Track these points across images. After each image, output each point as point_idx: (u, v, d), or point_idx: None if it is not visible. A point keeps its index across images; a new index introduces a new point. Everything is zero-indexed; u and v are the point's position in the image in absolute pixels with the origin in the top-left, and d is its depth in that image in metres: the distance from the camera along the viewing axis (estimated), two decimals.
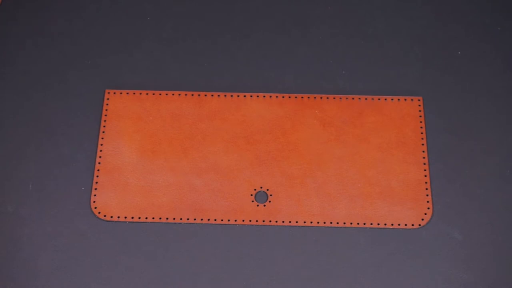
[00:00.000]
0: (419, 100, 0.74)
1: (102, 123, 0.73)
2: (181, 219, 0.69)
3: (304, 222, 0.69)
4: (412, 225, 0.68)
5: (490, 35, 0.77)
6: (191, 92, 0.75)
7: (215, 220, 0.69)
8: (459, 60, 0.76)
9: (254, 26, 0.78)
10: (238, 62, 0.76)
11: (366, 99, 0.74)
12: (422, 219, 0.69)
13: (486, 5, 0.78)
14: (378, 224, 0.68)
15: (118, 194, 0.70)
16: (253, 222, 0.69)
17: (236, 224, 0.69)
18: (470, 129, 0.73)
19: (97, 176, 0.71)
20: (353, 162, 0.71)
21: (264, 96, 0.74)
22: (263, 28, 0.78)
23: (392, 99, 0.74)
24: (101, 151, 0.72)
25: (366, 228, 0.68)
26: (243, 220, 0.69)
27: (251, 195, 0.70)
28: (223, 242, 0.68)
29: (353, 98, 0.74)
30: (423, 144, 0.72)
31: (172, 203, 0.69)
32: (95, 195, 0.70)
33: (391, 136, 0.72)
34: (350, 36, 0.78)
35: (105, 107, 0.74)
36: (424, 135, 0.72)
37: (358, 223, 0.68)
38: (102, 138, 0.72)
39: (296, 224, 0.69)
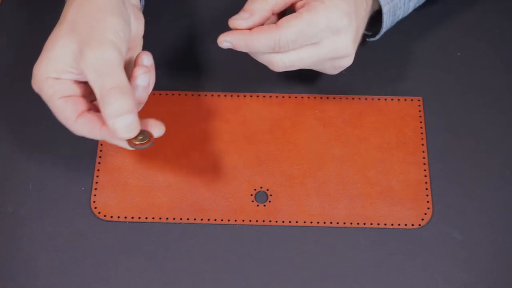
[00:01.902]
0: (419, 100, 0.74)
1: None
2: (181, 219, 0.69)
3: (304, 222, 0.69)
4: (412, 225, 0.68)
5: (490, 36, 0.77)
6: (191, 92, 0.75)
7: (215, 220, 0.69)
8: (459, 60, 0.76)
9: None
10: (238, 62, 0.76)
11: (366, 99, 0.74)
12: (422, 219, 0.69)
13: (486, 5, 0.78)
14: (378, 224, 0.68)
15: (118, 194, 0.70)
16: (253, 222, 0.69)
17: (236, 224, 0.69)
18: (470, 129, 0.73)
19: (97, 176, 0.71)
20: (353, 162, 0.71)
21: (264, 96, 0.74)
22: None
23: (392, 99, 0.74)
24: (101, 151, 0.72)
25: (366, 228, 0.68)
26: (243, 220, 0.69)
27: (251, 195, 0.70)
28: (223, 242, 0.68)
29: (353, 98, 0.74)
30: (423, 144, 0.72)
31: (172, 203, 0.69)
32: (95, 195, 0.70)
33: (391, 136, 0.72)
34: None
35: None
36: (424, 135, 0.72)
37: (358, 223, 0.68)
38: None
39: (296, 224, 0.69)
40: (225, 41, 0.65)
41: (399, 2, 0.69)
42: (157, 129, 0.62)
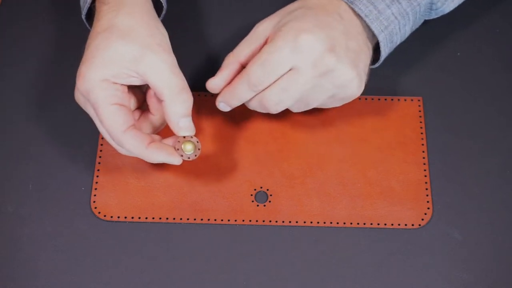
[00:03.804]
0: (419, 100, 0.74)
1: None
2: (181, 219, 0.69)
3: (304, 222, 0.69)
4: (412, 225, 0.68)
5: (490, 36, 0.77)
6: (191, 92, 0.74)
7: (215, 220, 0.69)
8: (459, 60, 0.76)
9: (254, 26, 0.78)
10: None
11: (366, 99, 0.74)
12: (422, 219, 0.69)
13: (486, 5, 0.78)
14: (378, 224, 0.68)
15: (118, 194, 0.70)
16: (253, 222, 0.69)
17: (236, 224, 0.69)
18: (470, 129, 0.73)
19: (97, 176, 0.71)
20: (353, 162, 0.71)
21: None
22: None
23: (392, 99, 0.74)
24: (101, 151, 0.72)
25: (366, 228, 0.68)
26: (243, 220, 0.69)
27: (251, 195, 0.70)
28: (223, 242, 0.68)
29: None
30: (423, 144, 0.72)
31: (172, 203, 0.69)
32: (95, 195, 0.70)
33: (391, 136, 0.72)
34: None
35: None
36: (424, 135, 0.72)
37: (358, 223, 0.68)
38: (102, 138, 0.72)
39: (296, 224, 0.69)
40: (220, 102, 0.68)
41: (394, 28, 0.69)
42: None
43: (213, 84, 0.68)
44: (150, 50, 0.64)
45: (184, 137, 0.66)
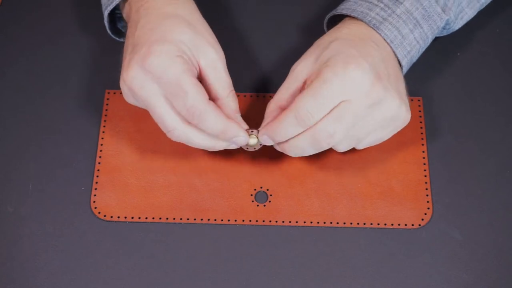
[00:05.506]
0: (419, 100, 0.74)
1: (102, 123, 0.73)
2: (181, 219, 0.69)
3: (304, 222, 0.69)
4: (412, 225, 0.68)
5: (490, 36, 0.78)
6: None
7: (215, 220, 0.69)
8: (459, 60, 0.76)
9: (254, 25, 0.78)
10: (238, 62, 0.76)
11: None
12: (422, 219, 0.69)
13: (485, 6, 0.78)
14: (378, 224, 0.68)
15: (118, 194, 0.70)
16: (253, 222, 0.69)
17: (236, 224, 0.69)
18: (470, 129, 0.73)
19: (97, 176, 0.71)
20: (353, 162, 0.71)
21: (264, 96, 0.74)
22: (263, 28, 0.78)
23: None
24: (101, 151, 0.72)
25: (366, 228, 0.68)
26: (243, 220, 0.69)
27: (251, 195, 0.70)
28: (223, 242, 0.68)
29: None
30: (423, 144, 0.72)
31: (172, 203, 0.69)
32: (95, 195, 0.70)
33: (391, 136, 0.72)
34: None
35: (105, 107, 0.74)
36: (424, 135, 0.72)
37: (358, 223, 0.68)
38: (102, 138, 0.72)
39: (296, 224, 0.69)
40: (263, 134, 0.66)
41: (415, 52, 0.69)
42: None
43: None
44: (213, 47, 0.65)
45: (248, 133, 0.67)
